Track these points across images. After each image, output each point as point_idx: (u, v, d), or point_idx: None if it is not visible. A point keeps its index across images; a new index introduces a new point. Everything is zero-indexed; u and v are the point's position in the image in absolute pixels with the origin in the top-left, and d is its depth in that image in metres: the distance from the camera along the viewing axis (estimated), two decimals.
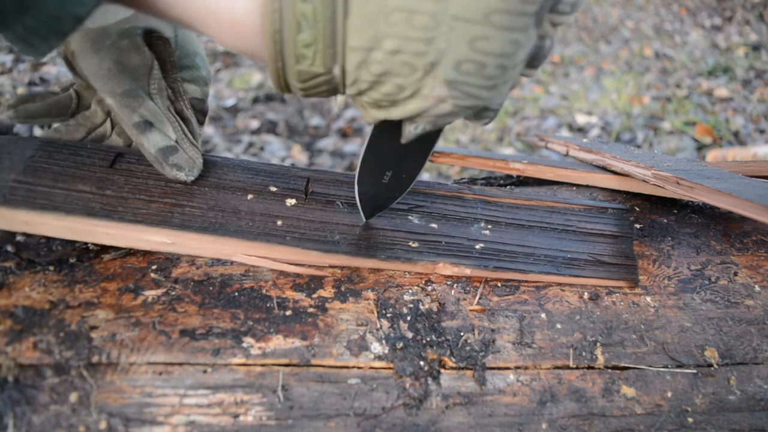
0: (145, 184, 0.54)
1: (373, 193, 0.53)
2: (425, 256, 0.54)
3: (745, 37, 3.71)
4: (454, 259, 0.54)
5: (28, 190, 0.49)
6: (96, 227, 0.49)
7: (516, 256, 0.56)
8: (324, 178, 0.60)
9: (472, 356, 0.50)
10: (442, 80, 0.35)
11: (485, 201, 0.62)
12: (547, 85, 2.94)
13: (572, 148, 0.81)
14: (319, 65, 0.36)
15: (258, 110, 2.45)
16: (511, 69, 0.36)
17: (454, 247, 0.56)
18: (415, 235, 0.56)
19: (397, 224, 0.57)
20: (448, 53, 0.34)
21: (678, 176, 0.61)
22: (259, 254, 0.52)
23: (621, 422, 0.49)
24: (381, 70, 0.35)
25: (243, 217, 0.53)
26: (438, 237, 0.56)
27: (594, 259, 0.58)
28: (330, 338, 0.49)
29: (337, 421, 0.45)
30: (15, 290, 0.48)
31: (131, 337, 0.46)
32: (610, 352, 0.52)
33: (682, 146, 2.35)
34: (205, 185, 0.55)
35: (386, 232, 0.56)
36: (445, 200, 0.60)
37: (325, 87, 0.39)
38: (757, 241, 0.65)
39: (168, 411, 0.43)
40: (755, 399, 0.51)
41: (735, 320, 0.56)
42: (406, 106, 0.38)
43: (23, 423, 0.41)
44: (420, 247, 0.55)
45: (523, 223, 0.61)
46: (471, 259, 0.55)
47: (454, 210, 0.60)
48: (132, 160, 0.56)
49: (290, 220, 0.54)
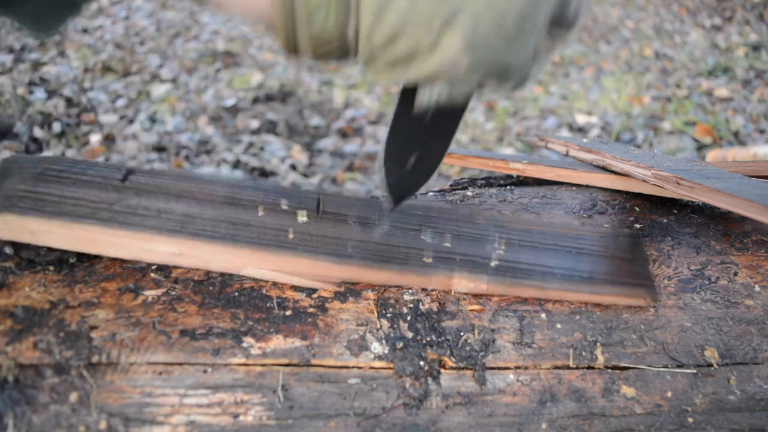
0: (156, 198, 0.52)
1: (398, 177, 0.52)
2: (440, 271, 0.53)
3: (745, 37, 3.71)
4: (470, 274, 0.53)
5: (35, 200, 0.48)
6: (101, 235, 0.48)
7: (532, 273, 0.55)
8: (335, 199, 0.58)
9: (472, 356, 0.50)
10: (460, 37, 0.34)
11: (498, 225, 0.60)
12: (547, 85, 2.94)
13: (572, 148, 0.81)
14: (331, 23, 0.35)
15: (258, 110, 2.45)
16: (529, 31, 0.35)
17: (470, 264, 0.54)
18: (429, 252, 0.55)
19: (410, 241, 0.55)
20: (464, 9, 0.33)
21: (678, 176, 0.61)
22: (270, 266, 0.50)
23: (621, 422, 0.49)
24: (395, 28, 0.34)
25: (254, 230, 0.52)
26: (452, 254, 0.55)
27: (611, 279, 0.57)
28: (330, 338, 0.49)
29: (337, 421, 0.45)
30: (15, 290, 0.48)
31: (131, 337, 0.46)
32: (610, 352, 0.52)
33: (682, 146, 2.35)
34: (216, 200, 0.54)
35: (399, 249, 0.54)
36: (458, 223, 0.59)
37: (337, 44, 0.37)
38: (757, 241, 0.65)
39: (168, 411, 0.43)
40: (755, 399, 0.51)
41: (735, 320, 0.56)
42: (423, 64, 0.36)
43: (23, 423, 0.42)
44: (434, 262, 0.54)
45: (537, 245, 0.59)
46: (487, 275, 0.54)
47: (467, 231, 0.59)
48: (143, 177, 0.54)
49: (302, 235, 0.53)
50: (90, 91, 2.48)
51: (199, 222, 0.51)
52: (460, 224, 0.59)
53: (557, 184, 0.75)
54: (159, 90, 2.52)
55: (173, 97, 2.49)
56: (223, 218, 0.52)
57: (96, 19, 3.28)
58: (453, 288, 0.54)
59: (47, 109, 2.22)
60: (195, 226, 0.50)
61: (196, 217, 0.51)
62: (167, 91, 2.53)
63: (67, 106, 2.29)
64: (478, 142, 2.36)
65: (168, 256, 0.50)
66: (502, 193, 0.72)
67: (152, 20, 3.38)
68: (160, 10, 3.54)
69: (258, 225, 0.52)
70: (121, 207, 0.50)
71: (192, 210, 0.52)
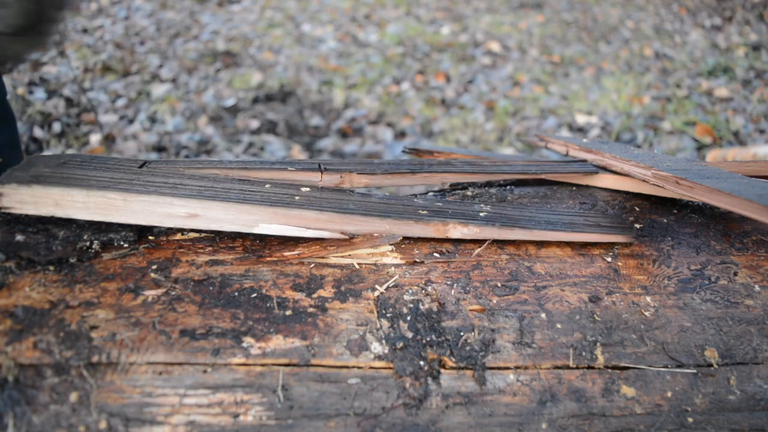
0: (172, 175, 0.57)
1: None
2: (435, 218, 0.58)
3: (745, 37, 3.71)
4: (463, 220, 0.58)
5: (61, 177, 0.52)
6: (121, 202, 0.51)
7: (518, 220, 0.61)
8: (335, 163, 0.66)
9: (472, 356, 0.50)
10: None
11: None
12: (547, 85, 2.94)
13: (572, 148, 0.81)
14: None
15: (258, 110, 2.45)
16: None
17: (460, 214, 0.60)
18: (424, 207, 0.61)
19: (405, 201, 0.62)
20: None
21: (678, 176, 0.61)
22: (280, 221, 0.54)
23: (621, 422, 0.49)
24: None
25: (264, 194, 0.57)
26: (444, 208, 0.61)
27: (591, 222, 0.63)
28: (330, 338, 0.49)
29: (337, 421, 0.45)
30: (15, 290, 0.48)
31: (131, 336, 0.46)
32: (610, 352, 0.52)
33: (682, 146, 2.35)
34: (227, 179, 0.59)
35: (397, 205, 0.60)
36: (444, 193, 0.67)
37: None
38: (757, 241, 0.65)
39: (168, 411, 0.43)
40: (755, 399, 0.51)
41: (735, 320, 0.56)
42: None
43: (23, 423, 0.42)
44: (429, 213, 0.59)
45: (519, 206, 0.67)
46: (479, 220, 0.59)
47: (454, 199, 0.66)
48: (160, 164, 0.60)
49: (307, 197, 0.58)
50: (90, 91, 2.48)
51: (212, 190, 0.55)
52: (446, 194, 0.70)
53: (557, 184, 0.75)
54: (159, 90, 2.52)
55: (173, 97, 2.49)
56: (235, 188, 0.57)
57: (96, 19, 3.28)
58: (448, 235, 0.58)
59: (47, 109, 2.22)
60: (209, 192, 0.54)
61: (209, 188, 0.56)
62: (167, 91, 2.53)
63: (67, 106, 2.29)
64: (479, 142, 2.36)
65: (183, 218, 0.52)
66: (502, 192, 0.72)
67: (152, 20, 3.38)
68: (160, 10, 3.55)
69: (266, 191, 0.57)
70: (141, 181, 0.54)
71: (205, 184, 0.56)
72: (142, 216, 0.52)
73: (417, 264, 0.57)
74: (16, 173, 0.51)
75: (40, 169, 0.53)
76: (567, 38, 3.63)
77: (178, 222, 0.52)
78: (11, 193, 0.49)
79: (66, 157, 0.57)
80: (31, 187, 0.49)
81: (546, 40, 3.57)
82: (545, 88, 2.89)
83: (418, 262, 0.57)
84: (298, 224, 0.54)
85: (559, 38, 3.62)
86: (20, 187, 0.49)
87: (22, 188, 0.49)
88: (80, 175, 0.53)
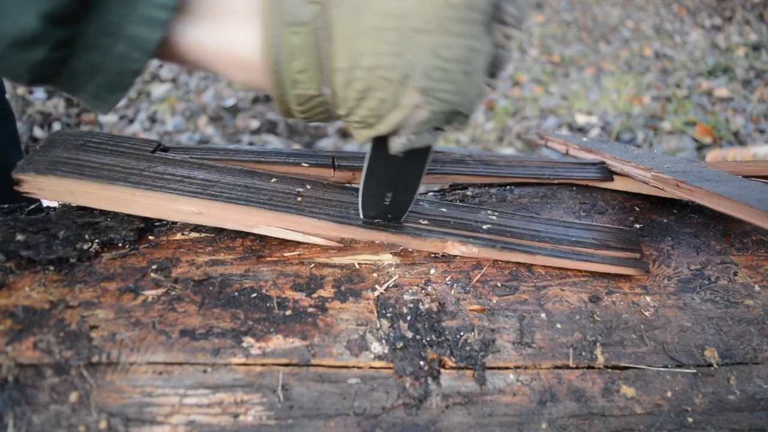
0: (181, 166, 0.58)
1: (376, 214, 0.57)
2: (434, 234, 0.57)
3: (745, 37, 3.71)
4: (463, 238, 0.57)
5: (76, 165, 0.54)
6: (132, 196, 0.53)
7: (522, 236, 0.59)
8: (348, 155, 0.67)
9: (472, 356, 0.50)
10: (416, 89, 0.39)
11: None
12: (547, 85, 2.94)
13: (572, 147, 0.81)
14: (313, 87, 0.41)
15: (258, 110, 2.45)
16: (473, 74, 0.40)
17: (462, 227, 0.59)
18: (425, 215, 0.60)
19: None
20: (416, 64, 0.38)
21: (678, 179, 0.61)
22: (278, 224, 0.55)
23: (621, 422, 0.49)
24: (363, 86, 0.40)
25: (266, 194, 0.57)
26: (447, 218, 0.60)
27: (600, 243, 0.60)
28: (330, 338, 0.49)
29: (337, 421, 0.45)
30: (15, 290, 0.48)
31: (131, 336, 0.46)
32: (610, 352, 0.52)
33: (682, 146, 2.35)
34: (234, 170, 0.60)
35: None
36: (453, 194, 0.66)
37: (321, 108, 0.43)
38: (756, 240, 0.65)
39: (168, 411, 0.43)
40: (755, 399, 0.51)
41: (735, 320, 0.56)
42: (389, 118, 0.42)
43: (23, 423, 0.42)
44: (429, 225, 0.58)
45: (528, 214, 0.65)
46: (479, 239, 0.58)
47: (455, 199, 0.65)
48: (179, 152, 0.61)
49: (308, 198, 0.58)
50: None
51: (217, 186, 0.56)
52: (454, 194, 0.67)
53: (557, 184, 0.75)
54: (159, 90, 2.52)
55: (173, 97, 2.49)
56: (239, 183, 0.57)
57: None
58: (446, 251, 0.58)
59: (47, 109, 2.22)
60: (214, 189, 0.56)
61: (215, 182, 0.57)
62: (167, 91, 2.53)
63: (67, 106, 2.29)
64: (479, 142, 2.36)
65: (189, 215, 0.54)
66: (501, 192, 0.72)
67: None
68: None
69: (269, 189, 0.58)
70: (150, 173, 0.55)
71: (212, 177, 0.57)
72: (150, 210, 0.54)
73: (417, 264, 0.57)
74: (36, 158, 0.54)
75: (59, 152, 0.55)
76: (567, 38, 3.63)
77: (184, 217, 0.54)
78: (31, 180, 0.52)
79: (85, 137, 0.59)
80: (48, 177, 0.52)
81: (546, 40, 3.57)
82: (545, 88, 2.89)
83: (418, 262, 0.57)
84: (296, 229, 0.55)
85: (559, 38, 3.62)
86: (38, 176, 0.52)
87: (40, 177, 0.52)
88: (95, 163, 0.54)
